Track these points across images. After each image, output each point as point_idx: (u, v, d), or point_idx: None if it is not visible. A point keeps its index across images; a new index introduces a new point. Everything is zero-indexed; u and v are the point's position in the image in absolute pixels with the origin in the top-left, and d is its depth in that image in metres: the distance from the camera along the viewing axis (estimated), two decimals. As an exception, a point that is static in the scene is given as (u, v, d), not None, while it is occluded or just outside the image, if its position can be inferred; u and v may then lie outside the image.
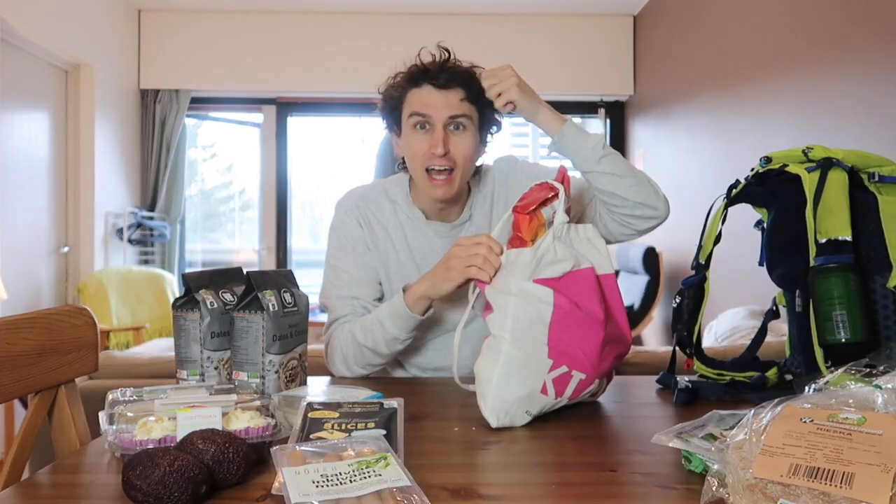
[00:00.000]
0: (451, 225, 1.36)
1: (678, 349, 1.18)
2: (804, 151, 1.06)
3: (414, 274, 1.29)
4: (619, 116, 4.90)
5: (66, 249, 3.94)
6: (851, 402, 0.64)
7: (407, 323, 1.20)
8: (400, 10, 4.60)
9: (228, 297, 1.08)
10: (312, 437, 0.76)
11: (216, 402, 0.83)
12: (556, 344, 0.95)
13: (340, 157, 5.08)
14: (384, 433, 0.77)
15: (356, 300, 1.32)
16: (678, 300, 1.17)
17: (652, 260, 3.93)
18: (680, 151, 3.90)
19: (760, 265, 1.15)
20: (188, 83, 4.63)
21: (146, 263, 4.55)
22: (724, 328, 2.51)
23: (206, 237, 5.29)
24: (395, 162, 1.40)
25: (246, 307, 1.02)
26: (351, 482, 0.63)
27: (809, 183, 1.01)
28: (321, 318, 2.62)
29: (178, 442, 0.73)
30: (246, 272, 1.07)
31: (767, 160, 1.10)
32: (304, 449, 0.70)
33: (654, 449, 0.78)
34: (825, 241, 0.98)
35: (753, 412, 0.67)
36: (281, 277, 1.10)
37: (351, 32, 4.66)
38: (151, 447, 0.71)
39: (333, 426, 0.78)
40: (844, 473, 0.56)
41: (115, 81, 4.29)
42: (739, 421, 0.68)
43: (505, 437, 0.90)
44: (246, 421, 0.78)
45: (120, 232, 4.27)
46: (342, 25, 4.67)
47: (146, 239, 4.50)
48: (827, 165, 1.02)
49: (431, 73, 1.23)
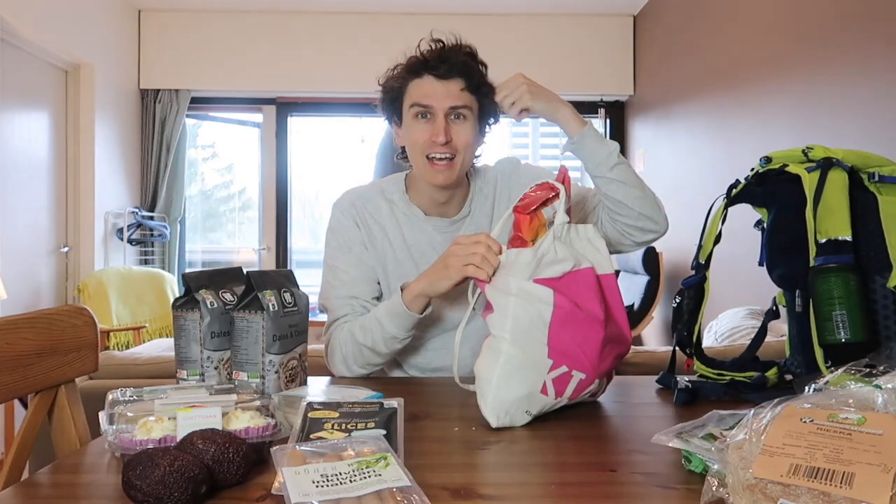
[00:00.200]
0: (450, 220, 1.36)
1: (678, 349, 1.18)
2: (804, 151, 1.06)
3: (412, 272, 1.29)
4: (619, 116, 4.90)
5: (66, 249, 3.94)
6: (851, 402, 0.64)
7: (405, 321, 1.20)
8: (400, 10, 4.60)
9: (228, 297, 1.08)
10: (312, 437, 0.76)
11: (216, 402, 0.83)
12: (556, 344, 0.95)
13: (340, 157, 5.08)
14: (384, 433, 0.77)
15: (355, 299, 1.32)
16: (678, 300, 1.17)
17: (652, 260, 3.93)
18: (680, 151, 3.90)
19: (760, 265, 1.15)
20: (188, 83, 4.63)
21: (146, 263, 4.55)
22: (724, 328, 2.50)
23: (206, 237, 5.29)
24: (394, 152, 1.40)
25: (246, 307, 1.02)
26: (351, 482, 0.63)
27: (809, 183, 1.01)
28: (321, 318, 2.62)
29: (178, 442, 0.73)
30: (246, 272, 1.07)
31: (767, 160, 1.10)
32: (304, 449, 0.70)
33: (654, 449, 0.78)
34: (825, 241, 0.98)
35: (753, 412, 0.67)
36: (281, 277, 1.10)
37: (351, 32, 4.67)
38: (151, 447, 0.71)
39: (333, 426, 0.78)
40: (844, 473, 0.56)
41: (115, 81, 4.29)
42: (739, 421, 0.68)
43: (505, 437, 0.90)
44: (246, 421, 0.78)
45: (120, 232, 4.27)
46: (342, 25, 4.67)
47: (146, 239, 4.50)
48: (827, 165, 1.02)
49: (431, 63, 1.24)
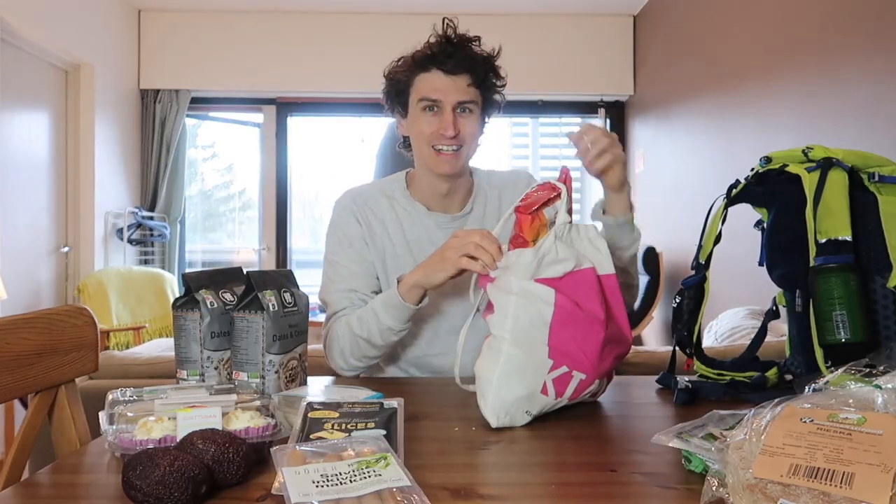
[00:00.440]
0: (452, 216, 1.38)
1: (678, 349, 1.18)
2: (804, 151, 1.06)
3: (411, 267, 1.30)
4: (619, 116, 4.90)
5: (66, 249, 3.94)
6: (851, 402, 0.64)
7: (401, 313, 1.20)
8: (400, 10, 4.60)
9: (228, 297, 1.08)
10: (312, 437, 0.76)
11: (216, 402, 0.83)
12: (556, 344, 0.95)
13: (340, 157, 5.08)
14: (384, 433, 0.77)
15: (354, 293, 1.33)
16: (678, 300, 1.17)
17: (652, 260, 3.93)
18: (680, 151, 3.90)
19: (760, 265, 1.15)
20: (188, 83, 4.63)
21: (146, 263, 4.55)
22: (724, 328, 2.50)
23: (206, 237, 5.29)
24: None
25: (246, 307, 1.02)
26: (351, 482, 0.63)
27: (809, 183, 1.01)
28: (321, 317, 2.62)
29: (178, 442, 0.73)
30: (246, 272, 1.07)
31: (767, 160, 1.09)
32: (304, 449, 0.70)
33: (654, 449, 0.78)
34: (825, 241, 0.98)
35: (753, 412, 0.67)
36: (281, 277, 1.10)
37: (351, 32, 4.67)
38: (151, 447, 0.71)
39: (333, 426, 0.78)
40: (844, 473, 0.56)
41: (115, 81, 4.29)
42: (739, 421, 0.68)
43: (505, 437, 0.90)
44: (246, 421, 0.78)
45: (120, 232, 4.27)
46: (342, 25, 4.67)
47: (146, 239, 4.50)
48: (827, 165, 1.02)
49: (439, 58, 1.27)
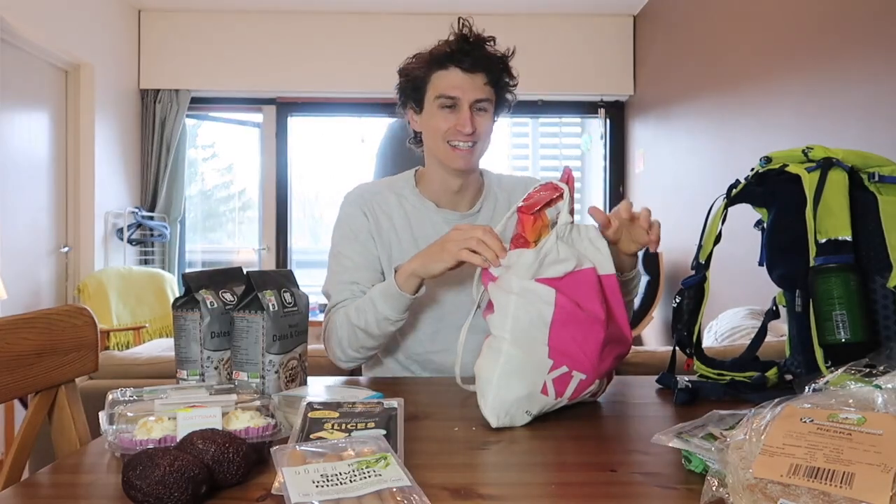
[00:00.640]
0: (460, 214, 1.40)
1: (678, 349, 1.18)
2: (804, 151, 1.06)
3: None
4: (619, 116, 4.90)
5: (66, 249, 3.94)
6: (851, 402, 0.64)
7: (398, 302, 1.20)
8: (400, 10, 4.60)
9: (228, 297, 1.08)
10: (312, 437, 0.76)
11: (216, 402, 0.83)
12: (556, 344, 0.95)
13: (340, 157, 5.08)
14: (384, 433, 0.77)
15: (356, 285, 1.33)
16: (678, 300, 1.17)
17: (652, 260, 3.93)
18: (680, 151, 3.90)
19: (760, 265, 1.15)
20: (188, 83, 4.63)
21: (146, 263, 4.55)
22: (724, 328, 2.50)
23: (206, 237, 5.29)
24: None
25: (246, 307, 1.02)
26: (351, 482, 0.63)
27: (809, 183, 1.01)
28: (321, 317, 2.62)
29: (178, 442, 0.73)
30: (246, 272, 1.07)
31: (767, 160, 1.09)
32: (304, 449, 0.70)
33: (654, 449, 0.78)
34: (825, 241, 0.98)
35: (753, 412, 0.67)
36: (281, 277, 1.10)
37: (351, 32, 4.66)
38: (151, 447, 0.71)
39: (333, 426, 0.78)
40: (844, 473, 0.56)
41: (115, 81, 4.29)
42: (739, 421, 0.68)
43: (505, 437, 0.90)
44: (246, 421, 0.78)
45: (120, 232, 4.27)
46: (342, 25, 4.67)
47: (146, 239, 4.50)
48: (827, 165, 1.02)
49: (457, 56, 1.30)
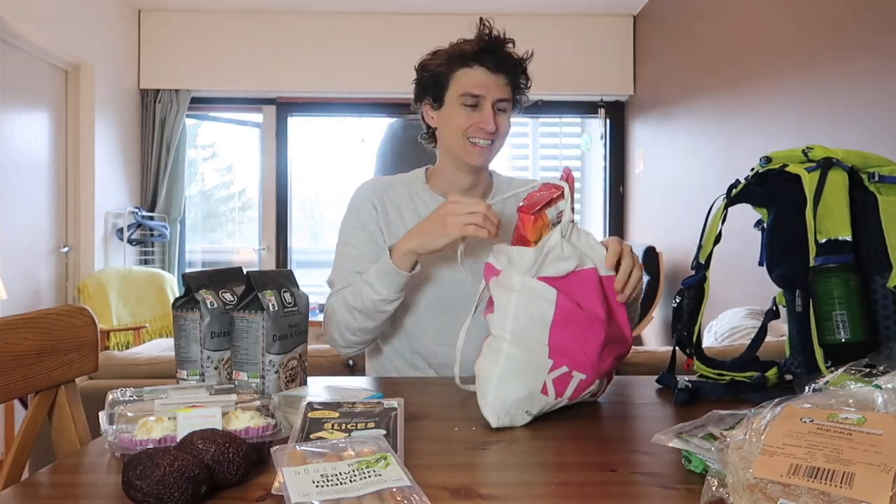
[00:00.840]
0: None
1: (678, 349, 1.18)
2: (804, 151, 1.06)
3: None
4: (619, 116, 4.90)
5: (66, 249, 3.94)
6: (851, 402, 0.64)
7: (392, 280, 1.21)
8: (400, 10, 4.60)
9: (228, 297, 1.08)
10: (312, 437, 0.76)
11: (216, 402, 0.83)
12: (556, 344, 0.95)
13: (340, 156, 5.08)
14: (384, 433, 0.77)
15: (359, 274, 1.33)
16: (678, 300, 1.17)
17: (652, 260, 3.93)
18: (680, 151, 3.90)
19: (760, 265, 1.15)
20: (188, 83, 4.63)
21: (146, 263, 4.55)
22: (724, 328, 2.51)
23: (206, 237, 5.28)
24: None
25: (246, 307, 1.02)
26: (351, 482, 0.63)
27: (809, 183, 1.01)
28: (321, 317, 2.62)
29: (178, 442, 0.73)
30: (246, 272, 1.07)
31: (767, 160, 1.09)
32: (304, 449, 0.70)
33: (654, 449, 0.78)
34: (825, 241, 0.98)
35: (753, 412, 0.67)
36: (281, 277, 1.10)
37: (351, 32, 4.66)
38: (151, 447, 0.71)
39: (333, 426, 0.78)
40: (844, 473, 0.56)
41: (115, 81, 4.29)
42: (739, 421, 0.68)
43: (505, 437, 0.90)
44: (246, 421, 0.78)
45: (120, 232, 4.27)
46: (342, 25, 4.67)
47: (146, 239, 4.50)
48: (827, 165, 1.02)
49: (482, 56, 1.32)
